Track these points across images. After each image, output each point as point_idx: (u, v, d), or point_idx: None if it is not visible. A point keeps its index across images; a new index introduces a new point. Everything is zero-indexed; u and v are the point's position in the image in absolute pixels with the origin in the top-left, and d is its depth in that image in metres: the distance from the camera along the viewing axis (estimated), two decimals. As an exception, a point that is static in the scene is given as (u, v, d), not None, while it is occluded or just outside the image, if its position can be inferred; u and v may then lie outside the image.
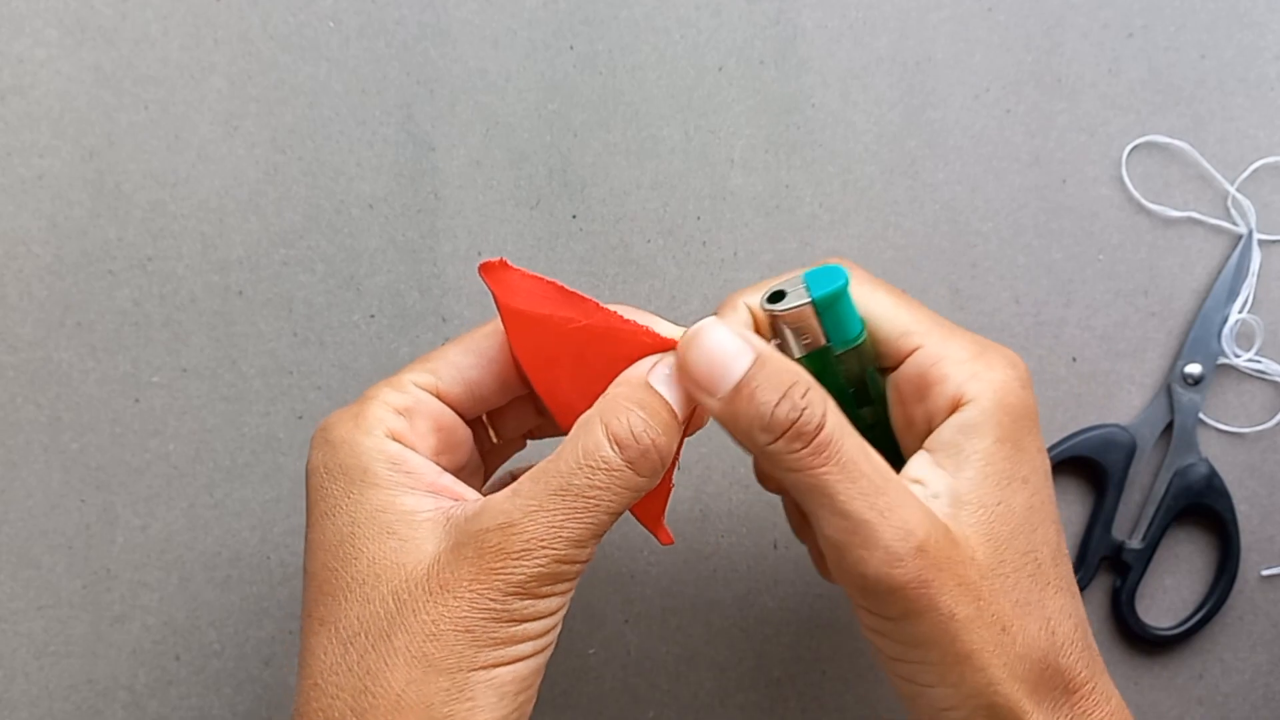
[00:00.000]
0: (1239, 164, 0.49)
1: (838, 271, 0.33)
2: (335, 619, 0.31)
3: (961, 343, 0.34)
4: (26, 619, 0.47)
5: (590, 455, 0.31)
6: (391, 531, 0.31)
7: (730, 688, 0.48)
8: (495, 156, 0.48)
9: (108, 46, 0.47)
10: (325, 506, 0.32)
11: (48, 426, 0.47)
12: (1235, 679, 0.49)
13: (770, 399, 0.31)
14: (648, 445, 0.31)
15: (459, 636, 0.30)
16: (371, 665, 0.30)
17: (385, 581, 0.31)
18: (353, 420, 0.32)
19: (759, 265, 0.48)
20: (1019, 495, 0.32)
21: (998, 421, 0.32)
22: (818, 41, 0.49)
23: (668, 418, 0.32)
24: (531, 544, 0.30)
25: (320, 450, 0.33)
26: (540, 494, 0.30)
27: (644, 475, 0.31)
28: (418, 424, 0.33)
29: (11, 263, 0.47)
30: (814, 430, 0.31)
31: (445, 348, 0.34)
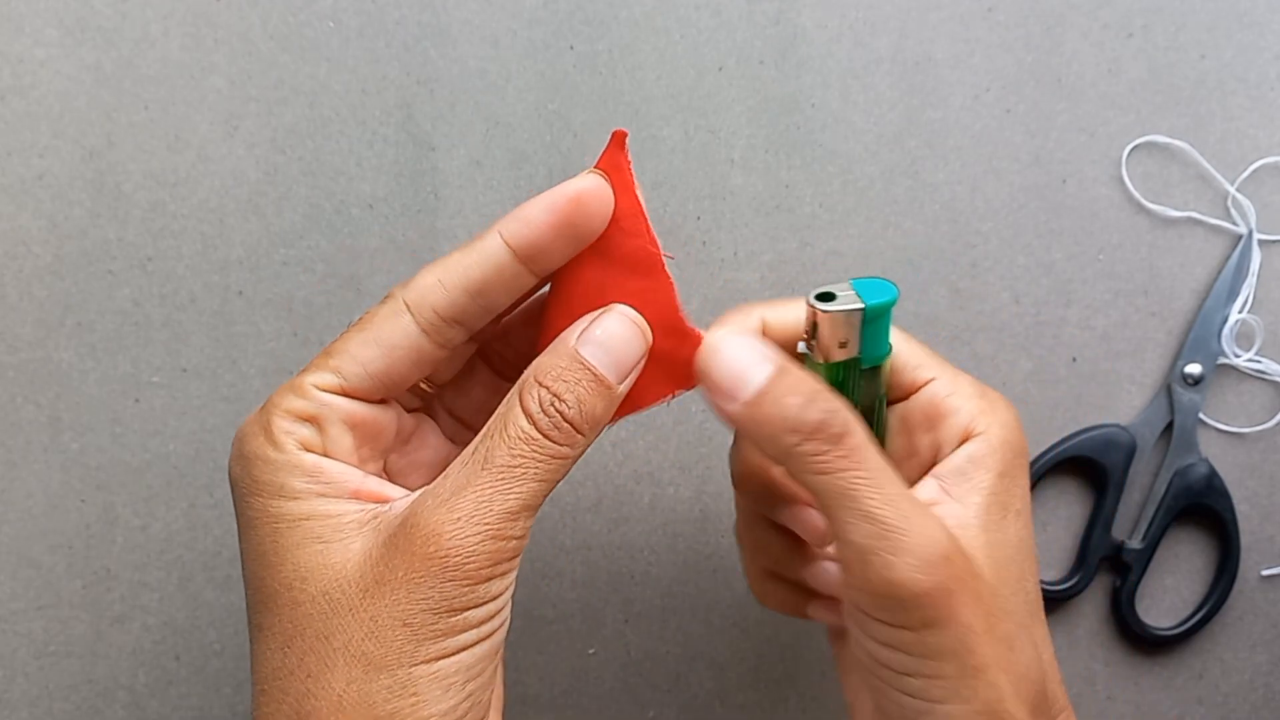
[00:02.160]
0: (1239, 164, 0.49)
1: (887, 286, 0.34)
2: (270, 624, 0.31)
3: (968, 381, 0.36)
4: (26, 619, 0.47)
5: (507, 427, 0.30)
6: (316, 536, 0.30)
7: (730, 688, 0.48)
8: (495, 156, 0.48)
9: (108, 46, 0.47)
10: (248, 519, 0.31)
11: (48, 426, 0.47)
12: (1235, 679, 0.49)
13: (798, 401, 0.31)
14: (557, 418, 0.30)
15: (397, 632, 0.29)
16: (311, 667, 0.29)
17: (313, 583, 0.30)
18: (262, 433, 0.31)
19: (759, 265, 0.48)
20: (1014, 526, 0.34)
21: (1002, 456, 0.34)
22: (818, 41, 0.49)
23: (587, 385, 0.31)
24: (462, 520, 0.29)
25: (236, 464, 0.32)
26: (467, 473, 0.30)
27: (563, 444, 0.31)
28: (329, 429, 0.32)
29: (11, 263, 0.47)
30: (843, 432, 0.31)
31: (347, 338, 0.32)
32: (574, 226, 0.31)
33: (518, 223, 0.31)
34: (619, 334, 0.32)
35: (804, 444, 0.31)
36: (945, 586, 0.30)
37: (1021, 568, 0.34)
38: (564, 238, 0.31)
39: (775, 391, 0.31)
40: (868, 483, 0.31)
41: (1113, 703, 0.48)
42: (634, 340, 0.32)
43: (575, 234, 0.32)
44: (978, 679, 0.31)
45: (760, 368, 0.31)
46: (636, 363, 0.32)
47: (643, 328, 0.32)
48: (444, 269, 0.32)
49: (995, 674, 0.31)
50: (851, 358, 0.34)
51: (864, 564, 0.31)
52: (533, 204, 0.31)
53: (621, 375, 0.32)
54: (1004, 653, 0.31)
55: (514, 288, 0.32)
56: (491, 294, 0.32)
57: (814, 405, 0.31)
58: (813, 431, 0.31)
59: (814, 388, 0.31)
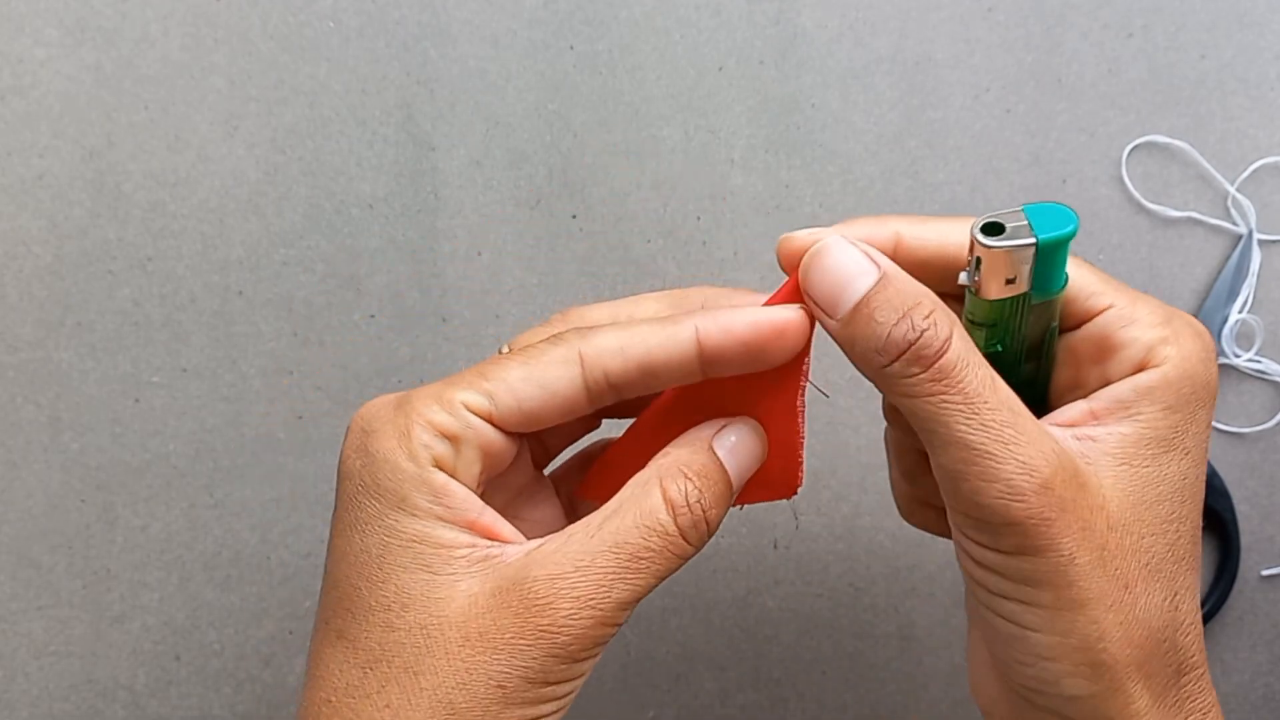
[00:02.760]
0: (1239, 164, 0.49)
1: (1065, 214, 0.31)
2: (354, 636, 0.30)
3: (1150, 307, 0.32)
4: (26, 619, 0.47)
5: (647, 516, 0.30)
6: (425, 564, 0.30)
7: (730, 688, 0.48)
8: (495, 156, 0.48)
9: (108, 46, 0.47)
10: (356, 518, 0.31)
11: (48, 426, 0.47)
12: (1235, 679, 0.49)
13: (889, 319, 0.29)
14: (700, 517, 0.30)
15: (490, 691, 0.29)
16: (393, 699, 0.29)
17: (413, 613, 0.29)
18: (396, 436, 0.30)
19: (759, 265, 0.48)
20: (1176, 463, 0.31)
21: (1178, 390, 0.31)
22: (818, 41, 0.49)
23: (723, 489, 0.31)
24: (580, 601, 0.29)
25: (359, 457, 0.31)
26: (593, 549, 0.29)
27: (693, 544, 0.30)
28: (465, 452, 0.31)
29: (11, 263, 0.47)
30: (934, 354, 0.29)
31: (507, 366, 0.31)
32: (765, 353, 0.31)
33: (718, 328, 0.31)
34: (749, 447, 0.32)
35: (892, 365, 0.29)
36: (1042, 515, 0.29)
37: (1176, 508, 0.31)
38: (750, 357, 0.31)
39: (870, 307, 0.29)
40: (959, 406, 0.29)
41: (1113, 703, 0.48)
42: (757, 458, 0.32)
43: (762, 359, 0.31)
44: (1077, 613, 0.29)
45: (863, 278, 0.30)
46: (750, 475, 0.32)
47: (765, 448, 0.32)
48: (629, 338, 0.31)
49: (1100, 612, 0.29)
50: (1020, 294, 0.31)
51: (954, 489, 0.30)
52: (737, 316, 0.31)
53: (740, 483, 0.32)
54: (1117, 591, 0.30)
55: (682, 379, 0.32)
56: (661, 377, 0.31)
57: (905, 323, 0.29)
58: (900, 352, 0.29)
59: (915, 300, 0.29)
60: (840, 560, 0.48)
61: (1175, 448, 0.31)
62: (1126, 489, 0.30)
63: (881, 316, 0.29)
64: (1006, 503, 0.29)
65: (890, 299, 0.29)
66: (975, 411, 0.29)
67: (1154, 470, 0.31)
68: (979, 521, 0.30)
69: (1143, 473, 0.31)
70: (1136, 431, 0.31)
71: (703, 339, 0.31)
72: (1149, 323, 0.32)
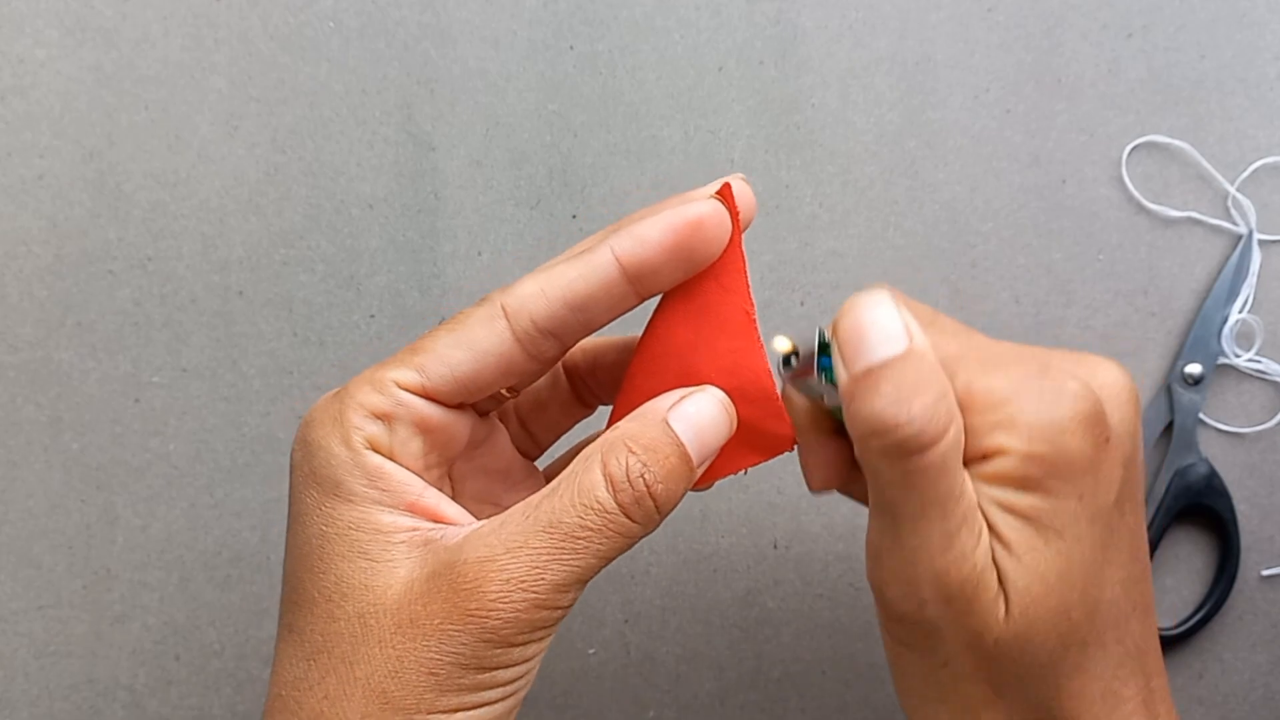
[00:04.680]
0: (1239, 164, 0.49)
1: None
2: (300, 629, 0.30)
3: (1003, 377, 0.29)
4: (26, 619, 0.47)
5: (584, 494, 0.28)
6: (363, 551, 0.29)
7: (730, 688, 0.48)
8: (495, 156, 0.48)
9: (108, 46, 0.47)
10: (298, 510, 0.30)
11: (48, 426, 0.47)
12: (1235, 679, 0.49)
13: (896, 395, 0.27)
14: (642, 492, 0.29)
15: (422, 678, 0.28)
16: (330, 689, 0.29)
17: (351, 601, 0.29)
18: (331, 423, 0.30)
19: (759, 265, 0.48)
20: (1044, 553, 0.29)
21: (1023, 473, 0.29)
22: (818, 41, 0.49)
23: (676, 463, 0.29)
24: (511, 584, 0.28)
25: (299, 449, 0.31)
26: (527, 529, 0.28)
27: (638, 522, 0.29)
28: (400, 430, 0.30)
29: (11, 263, 0.47)
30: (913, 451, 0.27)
31: (435, 337, 0.30)
32: (690, 251, 0.29)
33: (632, 240, 0.29)
34: (710, 416, 0.30)
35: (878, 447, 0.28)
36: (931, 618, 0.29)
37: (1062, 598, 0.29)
38: (677, 261, 0.30)
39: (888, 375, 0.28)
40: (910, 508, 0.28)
41: (1113, 703, 0.48)
42: (721, 426, 0.30)
43: (689, 259, 0.30)
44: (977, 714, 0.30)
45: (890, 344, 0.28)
46: (715, 451, 0.31)
47: (731, 415, 0.31)
48: (547, 278, 0.30)
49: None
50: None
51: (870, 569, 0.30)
52: (649, 222, 0.29)
53: (702, 459, 0.30)
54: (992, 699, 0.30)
55: (617, 306, 0.30)
56: (593, 310, 0.30)
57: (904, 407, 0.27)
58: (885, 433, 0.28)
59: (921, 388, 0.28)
60: (840, 560, 0.48)
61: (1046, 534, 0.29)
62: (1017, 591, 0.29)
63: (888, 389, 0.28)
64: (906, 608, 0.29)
65: (906, 377, 0.28)
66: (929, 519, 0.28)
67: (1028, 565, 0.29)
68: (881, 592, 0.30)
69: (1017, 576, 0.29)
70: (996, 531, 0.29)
71: (620, 257, 0.29)
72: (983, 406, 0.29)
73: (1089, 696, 0.30)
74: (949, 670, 0.30)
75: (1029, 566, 0.29)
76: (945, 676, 0.30)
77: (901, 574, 0.29)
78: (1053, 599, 0.29)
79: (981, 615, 0.29)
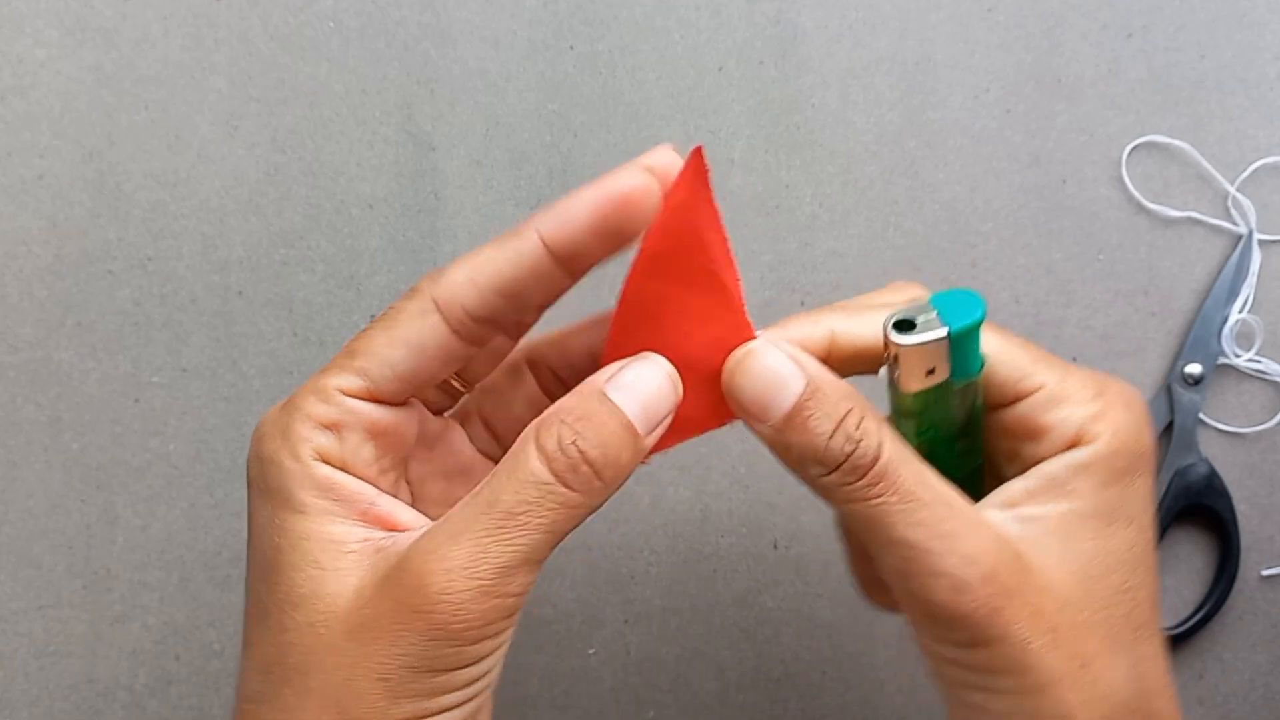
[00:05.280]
0: (1239, 164, 0.49)
1: (972, 298, 0.31)
2: (256, 641, 0.29)
3: (1081, 381, 0.32)
4: (26, 619, 0.47)
5: (518, 468, 0.28)
6: (314, 561, 0.29)
7: (730, 688, 0.48)
8: (495, 156, 0.48)
9: (108, 46, 0.47)
10: (254, 523, 0.30)
11: (48, 426, 0.47)
12: (1235, 679, 0.49)
13: (824, 429, 0.29)
14: (576, 459, 0.28)
15: (373, 685, 0.27)
16: (286, 701, 0.28)
17: (303, 611, 0.28)
18: (280, 436, 0.30)
19: (759, 265, 0.48)
20: (1119, 534, 0.31)
21: (1110, 465, 0.31)
22: (818, 41, 0.49)
23: (614, 429, 0.29)
24: (453, 573, 0.27)
25: (254, 464, 0.30)
26: (468, 515, 0.28)
27: (578, 490, 0.28)
28: (349, 437, 0.30)
29: (11, 263, 0.47)
30: (870, 462, 0.29)
31: (371, 337, 0.30)
32: (617, 227, 0.29)
33: (556, 221, 0.29)
34: (651, 382, 0.30)
35: (830, 476, 0.29)
36: (990, 604, 0.29)
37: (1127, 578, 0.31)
38: (604, 239, 0.29)
39: (803, 416, 0.29)
40: (898, 507, 0.29)
41: (1113, 703, 0.48)
42: (665, 391, 0.30)
43: (617, 235, 0.29)
44: (1041, 697, 0.29)
45: (791, 384, 0.29)
46: (665, 416, 0.30)
47: (675, 381, 0.30)
48: (476, 265, 0.29)
49: (1062, 692, 0.29)
50: (940, 383, 0.31)
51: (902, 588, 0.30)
52: (574, 201, 0.29)
53: (649, 426, 0.30)
54: (1075, 670, 0.30)
55: (549, 288, 0.30)
56: (525, 294, 0.30)
57: (840, 434, 0.29)
58: (838, 464, 0.29)
59: (846, 407, 0.29)
60: (840, 560, 0.48)
61: (1117, 520, 0.31)
62: (1072, 566, 0.30)
63: (816, 426, 0.29)
64: (953, 598, 0.29)
65: (822, 407, 0.29)
66: (912, 511, 0.29)
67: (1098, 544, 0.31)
68: (931, 618, 0.30)
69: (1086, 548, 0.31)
70: (1075, 508, 0.31)
71: (546, 238, 0.29)
72: (1079, 399, 0.31)
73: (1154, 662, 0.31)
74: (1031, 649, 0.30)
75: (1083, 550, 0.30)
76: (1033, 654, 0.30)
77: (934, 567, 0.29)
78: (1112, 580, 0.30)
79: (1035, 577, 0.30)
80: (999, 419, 0.33)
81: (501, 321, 0.30)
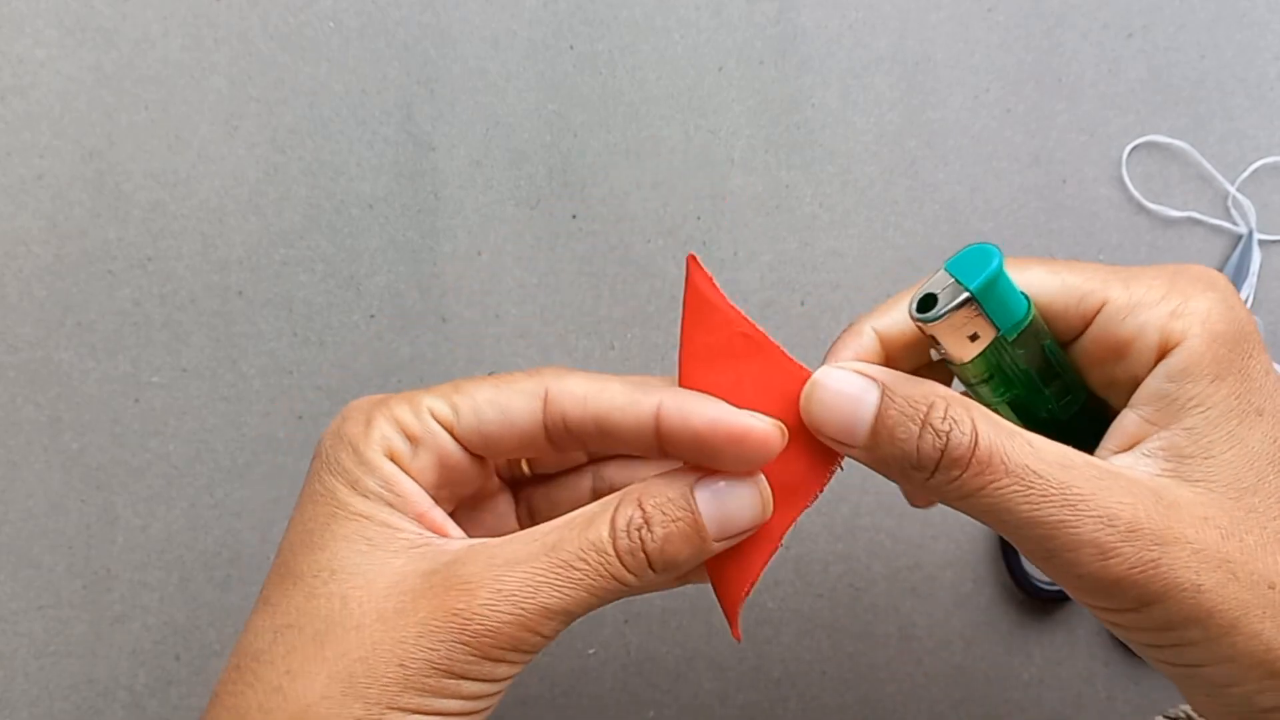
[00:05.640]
0: (1239, 164, 0.49)
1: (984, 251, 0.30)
2: (276, 601, 0.30)
3: (1148, 282, 0.30)
4: (26, 619, 0.47)
5: (589, 528, 0.29)
6: (366, 536, 0.30)
7: (730, 688, 0.48)
8: (495, 156, 0.48)
9: (108, 46, 0.47)
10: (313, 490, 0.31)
11: (48, 426, 0.47)
12: (1235, 679, 0.49)
13: (910, 432, 0.28)
14: (636, 545, 0.29)
15: (390, 668, 0.28)
16: (294, 665, 0.28)
17: (339, 580, 0.29)
18: (364, 424, 0.31)
19: (759, 265, 0.48)
20: (1256, 430, 0.28)
21: (1213, 356, 0.29)
22: (818, 41, 0.49)
23: (683, 529, 0.29)
24: (502, 595, 0.28)
25: (330, 438, 0.31)
26: (532, 550, 0.29)
27: (631, 572, 0.29)
28: (422, 455, 0.31)
29: (11, 263, 0.47)
30: (967, 450, 0.28)
31: (479, 387, 0.32)
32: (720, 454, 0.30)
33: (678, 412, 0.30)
34: (741, 495, 0.30)
35: (933, 477, 0.28)
36: (1143, 559, 0.27)
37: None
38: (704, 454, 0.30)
39: (886, 428, 0.29)
40: (1014, 489, 0.28)
41: (1113, 703, 0.48)
42: (753, 509, 0.30)
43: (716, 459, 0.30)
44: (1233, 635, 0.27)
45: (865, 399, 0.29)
46: (744, 530, 0.30)
47: (766, 501, 0.30)
48: (596, 390, 0.31)
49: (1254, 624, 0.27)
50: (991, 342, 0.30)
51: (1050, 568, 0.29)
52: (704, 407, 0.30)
53: (724, 535, 0.30)
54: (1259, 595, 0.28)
55: (641, 448, 0.31)
56: (618, 439, 0.31)
57: (928, 432, 0.28)
58: (936, 462, 0.28)
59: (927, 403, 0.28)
60: (840, 560, 0.48)
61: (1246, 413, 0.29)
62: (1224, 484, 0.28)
63: (902, 433, 0.28)
64: (1102, 565, 0.27)
65: (902, 409, 0.29)
66: (1029, 487, 0.28)
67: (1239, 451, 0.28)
68: (1091, 591, 0.28)
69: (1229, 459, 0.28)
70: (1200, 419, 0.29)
71: (662, 416, 0.30)
72: (1150, 302, 0.30)
73: None
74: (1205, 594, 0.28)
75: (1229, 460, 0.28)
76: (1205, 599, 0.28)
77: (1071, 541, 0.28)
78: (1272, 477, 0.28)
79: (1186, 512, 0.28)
80: (1079, 350, 0.32)
81: (586, 444, 0.32)
